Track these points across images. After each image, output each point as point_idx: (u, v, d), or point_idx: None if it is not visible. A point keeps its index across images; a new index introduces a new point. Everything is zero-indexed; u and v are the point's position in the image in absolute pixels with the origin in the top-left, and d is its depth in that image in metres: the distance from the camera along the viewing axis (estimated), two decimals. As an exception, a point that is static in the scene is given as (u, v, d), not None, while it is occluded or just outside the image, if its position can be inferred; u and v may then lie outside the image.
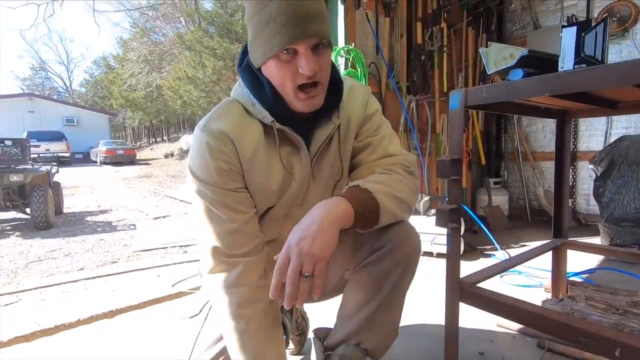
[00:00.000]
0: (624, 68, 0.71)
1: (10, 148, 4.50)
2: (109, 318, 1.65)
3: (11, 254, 3.30)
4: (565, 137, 1.41)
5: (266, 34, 0.68)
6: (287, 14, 0.66)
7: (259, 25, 0.69)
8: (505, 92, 0.91)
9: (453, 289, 1.02)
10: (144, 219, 4.94)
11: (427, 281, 1.92)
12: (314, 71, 0.69)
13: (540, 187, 3.44)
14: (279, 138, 0.77)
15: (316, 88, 0.72)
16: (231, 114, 0.78)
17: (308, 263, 0.64)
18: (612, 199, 2.31)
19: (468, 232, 2.89)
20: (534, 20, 3.46)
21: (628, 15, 2.90)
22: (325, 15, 0.71)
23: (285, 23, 0.66)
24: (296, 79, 0.70)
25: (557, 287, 1.53)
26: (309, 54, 0.68)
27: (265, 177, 0.79)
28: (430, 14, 2.90)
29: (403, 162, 0.84)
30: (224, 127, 0.75)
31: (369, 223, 0.73)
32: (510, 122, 3.68)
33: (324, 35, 0.69)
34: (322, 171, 0.85)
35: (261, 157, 0.78)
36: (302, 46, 0.68)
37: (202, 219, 0.77)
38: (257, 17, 0.69)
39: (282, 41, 0.67)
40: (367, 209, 0.71)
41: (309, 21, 0.67)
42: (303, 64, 0.68)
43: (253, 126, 0.78)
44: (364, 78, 2.36)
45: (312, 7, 0.67)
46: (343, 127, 0.85)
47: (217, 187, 0.75)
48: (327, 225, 0.66)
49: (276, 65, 0.70)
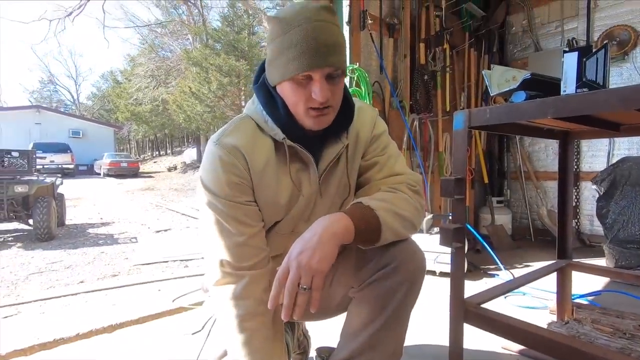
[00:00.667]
0: (625, 93, 0.72)
1: (16, 159, 4.54)
2: (108, 333, 1.63)
3: (12, 266, 3.29)
4: (568, 157, 1.42)
5: (286, 57, 0.72)
6: (307, 42, 0.70)
7: (280, 48, 0.73)
8: (508, 114, 0.92)
9: (457, 309, 1.01)
10: (146, 232, 4.93)
11: (430, 300, 1.90)
12: (326, 98, 0.73)
13: (543, 206, 3.43)
14: (289, 154, 0.80)
15: (327, 110, 0.76)
16: (243, 129, 0.81)
17: (306, 275, 0.66)
18: (616, 220, 2.30)
19: (471, 251, 2.87)
20: (535, 43, 3.53)
21: (627, 39, 2.96)
22: (342, 46, 0.75)
23: (305, 50, 0.70)
24: (309, 102, 0.74)
25: (562, 309, 1.51)
26: (323, 82, 0.72)
27: (274, 191, 0.81)
28: (433, 36, 2.96)
29: (408, 180, 0.86)
30: (236, 142, 0.78)
31: (370, 239, 0.75)
32: (512, 142, 3.70)
33: (339, 66, 0.73)
34: (329, 188, 0.88)
35: (271, 171, 0.80)
36: (317, 74, 0.71)
37: (210, 231, 0.79)
38: (280, 39, 0.73)
39: (299, 67, 0.71)
40: (368, 226, 0.72)
41: (326, 52, 0.71)
42: (317, 90, 0.72)
43: (264, 142, 0.81)
44: (368, 96, 2.39)
45: (332, 39, 0.72)
46: (351, 146, 0.88)
47: (227, 200, 0.77)
48: (327, 239, 0.67)
49: (291, 87, 0.74)
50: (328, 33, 0.71)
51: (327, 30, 0.72)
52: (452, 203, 1.03)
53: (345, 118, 0.84)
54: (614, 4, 3.06)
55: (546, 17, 3.47)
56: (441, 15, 2.98)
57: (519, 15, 3.63)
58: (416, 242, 0.86)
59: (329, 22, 0.72)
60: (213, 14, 23.14)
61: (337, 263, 0.91)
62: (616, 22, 3.02)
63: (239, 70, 13.59)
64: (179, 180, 14.40)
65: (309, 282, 0.66)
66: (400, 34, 2.84)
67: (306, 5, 0.72)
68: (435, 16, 2.97)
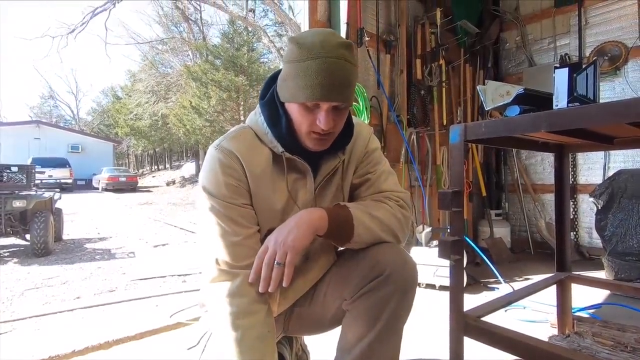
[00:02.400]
0: (614, 107, 0.75)
1: (15, 174, 4.54)
2: (104, 349, 1.61)
3: (7, 281, 3.25)
4: (564, 170, 1.44)
5: (300, 82, 0.75)
6: (323, 76, 0.74)
7: (297, 71, 0.76)
8: (503, 128, 0.94)
9: (457, 322, 1.00)
10: (144, 247, 4.89)
11: (430, 314, 1.89)
12: (330, 128, 0.78)
13: (541, 219, 3.44)
14: (287, 166, 0.84)
15: (328, 136, 0.81)
16: (243, 137, 0.85)
17: (280, 252, 0.75)
18: (615, 232, 2.30)
19: (470, 264, 2.86)
20: (529, 58, 3.60)
21: (619, 54, 3.03)
22: (354, 84, 0.80)
23: (320, 83, 0.74)
24: (312, 127, 0.79)
25: (563, 322, 1.50)
26: (329, 113, 0.77)
27: (270, 198, 0.84)
28: (429, 52, 3.03)
29: (392, 195, 0.90)
30: (235, 147, 0.82)
31: (344, 234, 0.81)
32: (509, 155, 3.74)
33: (347, 101, 0.79)
34: (324, 200, 0.91)
35: (267, 179, 0.84)
36: (325, 105, 0.77)
37: (208, 230, 0.82)
38: (299, 64, 0.76)
39: (310, 96, 0.75)
40: (341, 219, 0.80)
41: (339, 88, 0.75)
42: (322, 119, 0.77)
43: (262, 151, 0.85)
44: (366, 111, 2.43)
45: (346, 79, 0.76)
46: (346, 161, 0.92)
47: (224, 201, 0.80)
48: (302, 223, 0.77)
49: (299, 110, 0.79)
50: (343, 70, 0.75)
51: (343, 68, 0.75)
52: (450, 216, 1.04)
53: (344, 137, 0.88)
54: (604, 20, 3.14)
55: (539, 33, 3.56)
56: (436, 32, 3.05)
57: (513, 32, 3.73)
58: (408, 253, 0.87)
59: (347, 61, 0.76)
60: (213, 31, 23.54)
61: (330, 276, 0.93)
62: (607, 38, 3.10)
63: (238, 85, 13.76)
64: (178, 195, 14.37)
65: (282, 257, 0.75)
66: (397, 50, 2.90)
67: (329, 39, 0.76)
68: (431, 33, 3.05)
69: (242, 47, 15.22)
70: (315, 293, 0.94)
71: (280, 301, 0.89)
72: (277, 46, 15.17)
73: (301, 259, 0.90)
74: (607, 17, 3.12)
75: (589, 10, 3.22)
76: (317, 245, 0.91)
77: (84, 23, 12.75)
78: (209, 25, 21.70)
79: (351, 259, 0.88)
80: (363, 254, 0.84)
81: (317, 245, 0.91)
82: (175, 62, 21.48)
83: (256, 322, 0.78)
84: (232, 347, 0.75)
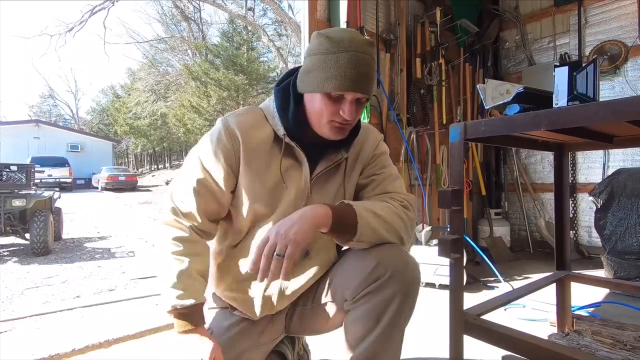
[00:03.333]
0: (614, 105, 0.75)
1: (15, 173, 4.53)
2: (105, 348, 1.61)
3: (7, 280, 3.25)
4: (563, 169, 1.44)
5: (327, 73, 0.79)
6: (352, 68, 0.78)
7: (323, 63, 0.79)
8: (503, 126, 0.94)
9: (457, 320, 1.00)
10: (143, 246, 4.89)
11: (430, 313, 1.89)
12: (352, 118, 0.82)
13: (541, 218, 3.44)
14: (284, 149, 0.86)
15: (348, 126, 0.85)
16: (250, 115, 0.90)
17: (281, 244, 0.74)
18: (614, 231, 2.31)
19: (470, 263, 2.87)
20: (529, 57, 3.60)
21: (618, 53, 3.03)
22: (375, 79, 0.85)
23: (347, 74, 0.78)
24: (335, 116, 0.82)
25: (562, 321, 1.50)
26: (353, 105, 0.81)
27: (261, 173, 0.87)
28: (429, 51, 3.03)
29: (396, 196, 0.90)
30: (238, 122, 0.86)
31: (347, 230, 0.80)
32: (509, 154, 3.74)
33: (369, 94, 0.83)
34: (322, 193, 0.91)
35: (263, 154, 0.87)
36: (350, 96, 0.80)
37: (179, 179, 0.88)
38: (326, 56, 0.79)
39: (338, 86, 0.78)
40: (345, 216, 0.80)
41: (364, 80, 0.80)
42: (346, 110, 0.80)
43: (265, 129, 0.88)
44: (366, 110, 2.43)
45: (371, 72, 0.81)
46: (351, 160, 0.93)
47: (204, 166, 0.85)
48: (305, 218, 0.76)
49: (323, 100, 0.81)
50: (368, 66, 0.80)
51: (368, 64, 0.80)
52: (450, 214, 1.04)
53: (350, 135, 0.90)
54: (604, 19, 3.14)
55: (538, 32, 3.56)
56: (436, 31, 3.05)
57: (512, 31, 3.73)
58: (411, 255, 0.86)
59: (371, 57, 0.81)
60: (213, 30, 23.59)
61: (331, 276, 0.92)
62: (607, 37, 3.10)
63: (238, 84, 13.77)
64: (177, 194, 14.33)
65: (283, 250, 0.73)
66: (397, 49, 2.90)
67: (357, 36, 0.81)
68: (431, 32, 3.04)
69: (242, 46, 15.22)
70: (316, 293, 0.94)
71: (279, 297, 0.89)
72: (276, 45, 15.15)
73: (302, 255, 0.90)
74: (607, 16, 3.13)
75: (588, 9, 3.22)
76: (319, 243, 0.91)
77: (83, 22, 12.74)
78: (208, 24, 21.76)
79: (353, 259, 0.87)
80: (365, 254, 0.84)
81: (319, 242, 0.91)
82: (175, 61, 21.48)
83: (199, 259, 0.84)
84: (165, 263, 0.81)
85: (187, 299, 0.78)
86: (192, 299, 0.78)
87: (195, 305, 0.79)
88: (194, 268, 0.81)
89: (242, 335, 0.90)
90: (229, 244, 0.92)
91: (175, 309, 0.77)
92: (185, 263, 0.80)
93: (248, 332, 0.91)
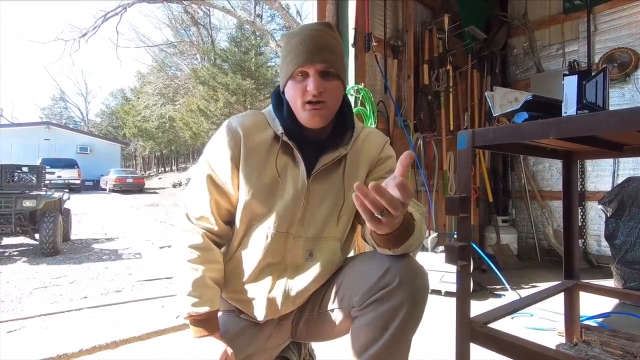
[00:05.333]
0: (624, 114, 0.74)
1: (26, 174, 4.61)
2: (111, 349, 1.63)
3: (16, 280, 3.30)
4: (572, 177, 1.43)
5: (287, 60, 0.84)
6: (304, 44, 0.82)
7: (284, 54, 0.86)
8: (511, 134, 0.94)
9: (463, 328, 1.00)
10: (150, 248, 4.93)
11: (436, 320, 1.88)
12: (319, 90, 0.82)
13: (549, 226, 3.40)
14: (281, 147, 0.89)
15: (321, 105, 0.84)
16: (252, 117, 0.93)
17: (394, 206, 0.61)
18: (625, 241, 2.28)
19: (477, 271, 2.84)
20: (537, 64, 3.59)
21: (628, 61, 3.01)
22: (336, 49, 0.85)
23: (302, 51, 0.82)
24: (305, 96, 0.83)
25: (570, 330, 1.49)
26: (317, 77, 0.82)
27: (259, 170, 0.88)
28: (437, 57, 3.03)
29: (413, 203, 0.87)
30: (240, 122, 0.90)
31: (401, 239, 0.74)
32: (516, 161, 3.72)
33: (331, 63, 0.83)
34: (322, 190, 0.90)
35: (261, 152, 0.89)
36: (311, 69, 0.82)
37: (191, 186, 0.91)
38: (284, 49, 0.86)
39: (296, 64, 0.82)
40: (407, 221, 0.73)
41: (319, 50, 0.82)
42: (310, 83, 0.82)
43: (266, 130, 0.91)
44: (373, 116, 2.44)
45: (326, 41, 0.84)
46: (351, 159, 0.92)
47: (211, 168, 0.88)
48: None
49: (291, 85, 0.85)
50: (322, 37, 0.83)
51: (322, 36, 0.84)
52: (457, 221, 1.03)
53: (343, 126, 0.92)
54: (614, 27, 3.13)
55: (547, 39, 3.55)
56: (444, 37, 3.05)
57: (520, 37, 3.72)
58: (419, 263, 0.86)
59: (325, 32, 0.85)
60: (221, 35, 23.82)
61: (338, 282, 0.91)
62: (616, 45, 3.08)
63: (245, 88, 13.88)
64: (184, 197, 14.43)
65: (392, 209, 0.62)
66: (404, 55, 2.91)
67: (310, 24, 0.87)
68: (438, 38, 3.05)
69: (250, 51, 15.36)
70: (323, 299, 0.93)
71: (284, 299, 0.89)
72: (284, 50, 15.25)
73: (305, 257, 0.90)
74: (617, 23, 3.11)
75: (598, 16, 3.20)
76: (322, 244, 0.91)
77: (96, 27, 12.97)
78: (217, 29, 21.98)
79: (361, 265, 0.87)
80: (374, 260, 0.83)
81: (322, 244, 0.91)
82: (184, 65, 21.72)
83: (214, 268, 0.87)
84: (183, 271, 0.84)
85: (201, 307, 0.81)
86: (207, 306, 0.82)
87: (210, 312, 0.82)
88: (208, 276, 0.84)
89: (249, 340, 0.91)
90: (232, 244, 0.93)
91: (190, 316, 0.81)
92: (199, 272, 0.83)
93: (255, 336, 0.91)
